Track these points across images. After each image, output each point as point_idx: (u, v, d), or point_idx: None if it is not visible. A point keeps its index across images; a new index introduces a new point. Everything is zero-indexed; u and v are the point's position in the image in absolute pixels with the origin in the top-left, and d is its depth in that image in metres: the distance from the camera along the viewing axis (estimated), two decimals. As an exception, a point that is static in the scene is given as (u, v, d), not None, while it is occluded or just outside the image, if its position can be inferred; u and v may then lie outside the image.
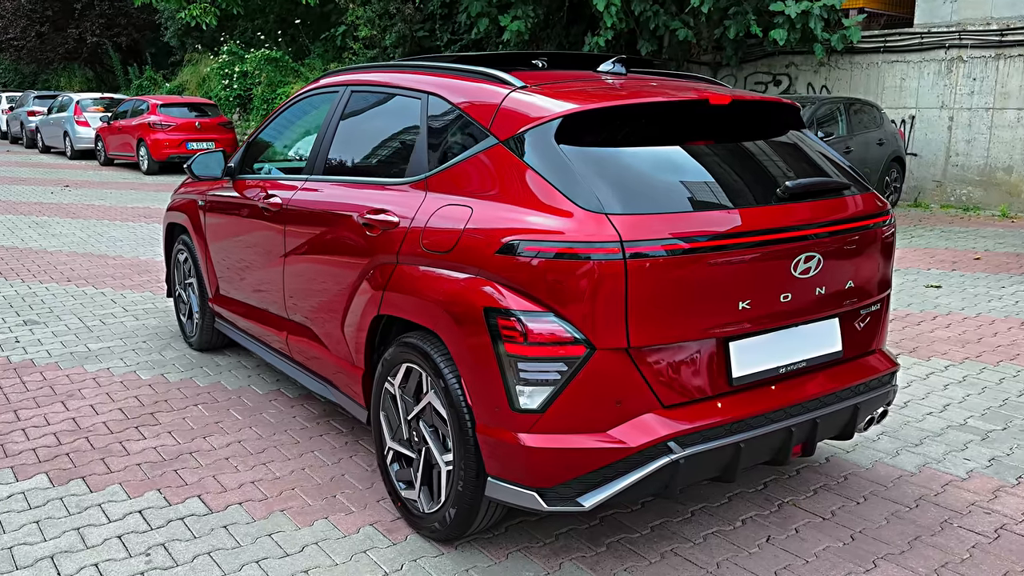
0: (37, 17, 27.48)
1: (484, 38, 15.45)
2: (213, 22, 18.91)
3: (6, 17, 28.15)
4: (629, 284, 2.33)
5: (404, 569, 2.72)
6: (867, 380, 2.88)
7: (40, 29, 27.66)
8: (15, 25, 27.86)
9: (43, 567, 2.73)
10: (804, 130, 3.15)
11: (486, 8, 13.92)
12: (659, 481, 2.43)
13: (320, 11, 20.21)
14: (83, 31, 27.26)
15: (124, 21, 27.03)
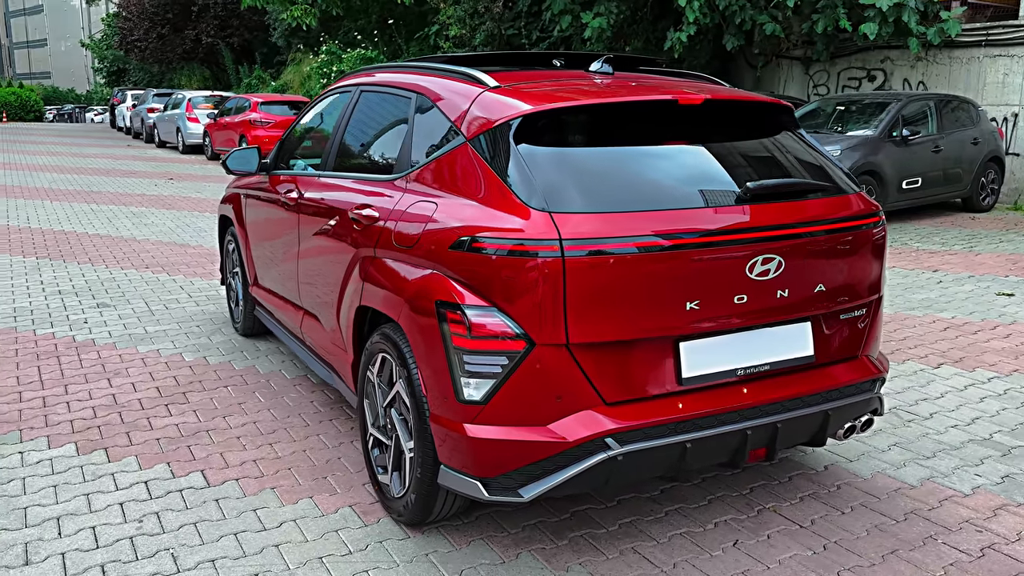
0: (159, 19, 29.29)
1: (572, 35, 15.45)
2: (313, 23, 19.67)
3: (132, 20, 30.11)
4: (567, 281, 2.37)
5: (368, 549, 2.84)
6: (840, 387, 2.81)
7: (161, 31, 29.47)
8: (139, 27, 29.78)
9: (48, 527, 2.98)
10: (799, 131, 3.09)
11: (568, 5, 13.94)
12: (598, 477, 2.46)
13: (417, 11, 20.66)
14: (199, 32, 28.87)
15: (237, 22, 28.44)
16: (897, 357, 4.93)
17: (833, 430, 2.89)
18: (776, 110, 3.06)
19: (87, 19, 79.91)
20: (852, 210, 2.84)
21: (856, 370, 2.89)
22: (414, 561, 2.77)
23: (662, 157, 2.74)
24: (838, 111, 10.70)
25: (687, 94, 2.77)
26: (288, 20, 20.04)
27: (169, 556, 2.80)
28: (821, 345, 2.81)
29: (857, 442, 3.73)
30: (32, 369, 4.71)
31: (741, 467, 2.77)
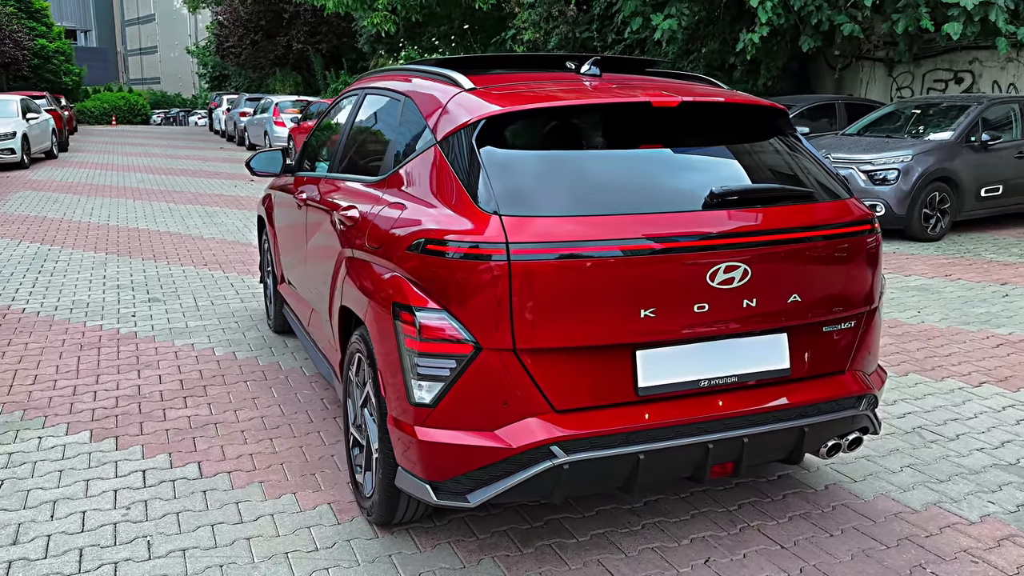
0: (252, 26, 30.43)
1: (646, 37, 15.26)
2: (392, 29, 20.03)
3: (228, 27, 31.40)
4: (513, 286, 2.33)
5: (334, 547, 2.87)
6: (818, 403, 2.67)
7: (254, 37, 30.62)
8: (234, 34, 31.01)
9: (44, 509, 3.13)
10: (793, 135, 2.96)
11: (640, 7, 13.77)
12: (545, 485, 2.42)
13: (495, 16, 20.81)
14: (290, 38, 29.86)
15: (325, 29, 29.28)
16: (936, 374, 4.67)
17: (812, 447, 2.76)
18: (766, 113, 2.94)
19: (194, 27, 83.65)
20: (837, 217, 2.70)
21: (839, 386, 2.75)
22: (376, 561, 2.78)
23: (630, 161, 2.67)
24: (915, 114, 10.22)
25: (662, 96, 2.69)
26: (369, 27, 20.48)
27: (145, 543, 2.89)
28: (799, 358, 2.69)
29: (868, 461, 3.55)
30: (73, 359, 4.95)
31: (705, 481, 2.67)
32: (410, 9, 20.68)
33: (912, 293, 6.60)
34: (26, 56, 29.82)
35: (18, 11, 33.87)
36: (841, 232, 2.69)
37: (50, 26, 36.67)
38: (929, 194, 8.89)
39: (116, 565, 2.76)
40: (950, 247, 8.70)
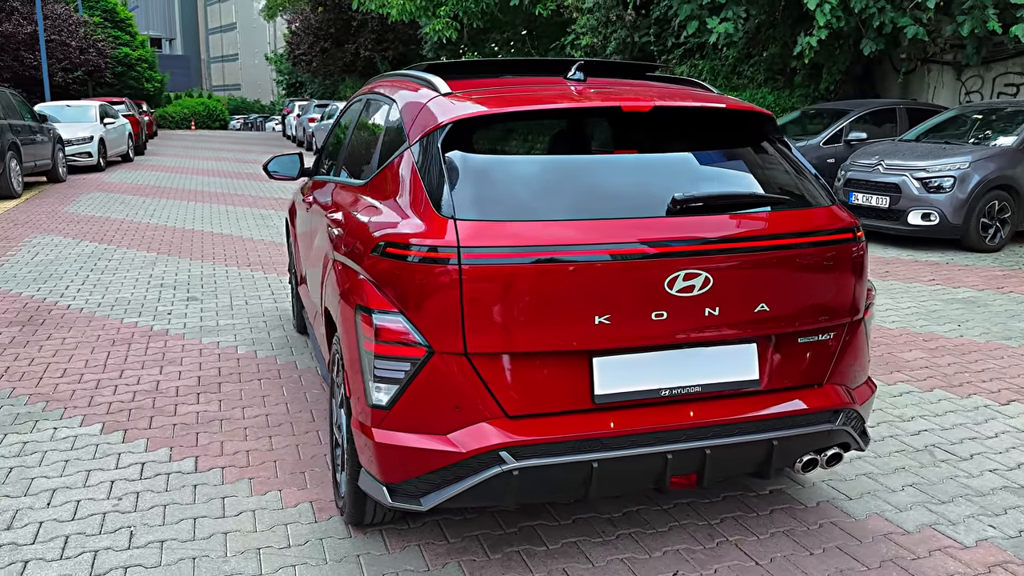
0: (322, 34, 31.17)
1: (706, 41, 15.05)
2: (453, 35, 20.24)
3: (299, 35, 32.25)
4: (464, 290, 2.33)
5: (306, 545, 2.91)
6: (789, 416, 2.59)
7: (324, 45, 31.35)
8: (305, 41, 31.82)
9: (42, 497, 3.26)
10: (778, 140, 2.88)
11: (696, 11, 13.59)
12: (496, 491, 2.40)
13: (555, 22, 20.81)
14: (358, 46, 30.46)
15: (392, 36, 29.77)
16: (963, 390, 4.47)
17: (784, 462, 2.67)
18: (749, 118, 2.87)
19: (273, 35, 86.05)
20: (813, 225, 2.62)
21: (814, 399, 2.65)
22: (343, 561, 2.81)
23: (596, 166, 2.64)
24: (978, 120, 9.81)
25: (633, 101, 2.65)
26: (431, 34, 20.74)
27: (127, 533, 2.98)
28: (770, 369, 2.61)
29: (868, 479, 3.42)
30: (103, 354, 5.15)
31: (664, 491, 2.61)
32: (472, 16, 20.86)
33: (957, 306, 6.33)
34: (109, 64, 31.21)
35: (104, 21, 35.52)
36: (817, 240, 2.60)
37: (134, 35, 38.32)
38: (988, 203, 8.52)
39: (96, 553, 2.85)
40: (1008, 258, 8.31)
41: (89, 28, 29.63)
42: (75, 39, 26.97)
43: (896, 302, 6.45)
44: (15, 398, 4.36)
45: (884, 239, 9.28)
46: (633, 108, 2.64)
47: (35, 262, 8.13)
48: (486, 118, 2.61)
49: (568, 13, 18.56)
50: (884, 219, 8.94)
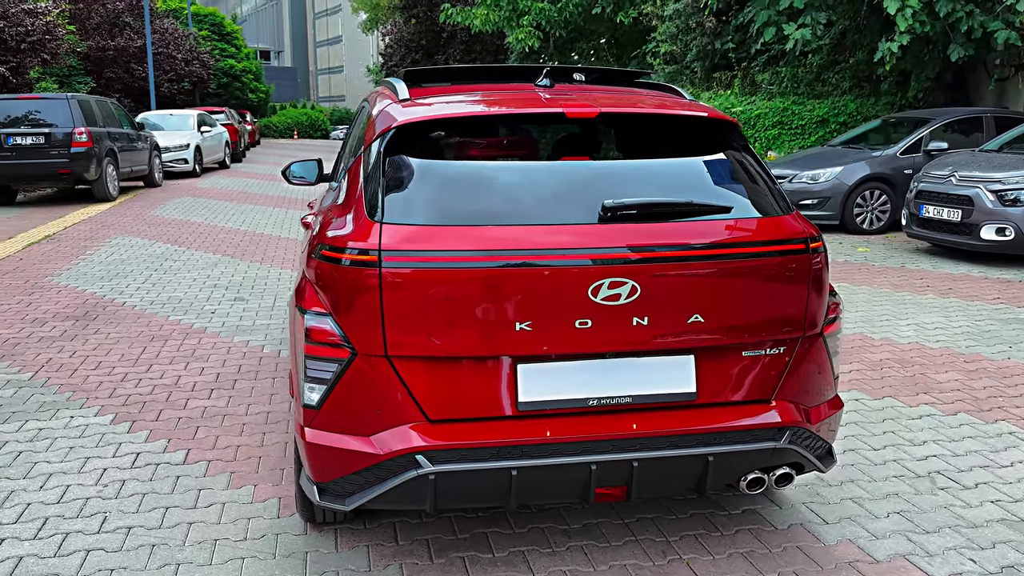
0: (413, 46, 31.91)
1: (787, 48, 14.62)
2: (535, 44, 20.34)
3: (393, 47, 33.15)
4: (384, 293, 2.35)
5: (261, 539, 2.99)
6: (728, 431, 2.50)
7: (415, 56, 32.06)
8: (397, 53, 32.65)
9: (38, 480, 3.46)
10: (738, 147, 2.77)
11: (774, 17, 13.22)
12: (414, 495, 2.41)
13: (637, 30, 20.66)
14: (448, 57, 31.01)
15: (479, 47, 30.17)
16: (990, 416, 4.19)
17: (723, 479, 2.57)
18: (708, 125, 2.78)
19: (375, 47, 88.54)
20: (758, 235, 2.52)
21: (757, 415, 2.55)
22: (290, 557, 2.87)
23: (534, 171, 2.62)
24: (1067, 129, 9.18)
25: (577, 106, 2.62)
26: (513, 43, 20.91)
27: (101, 519, 3.13)
28: (709, 382, 2.52)
29: (853, 503, 3.25)
30: (139, 349, 5.41)
31: (589, 503, 2.56)
32: (554, 25, 20.93)
33: (1015, 327, 5.94)
34: (212, 75, 32.82)
35: (211, 34, 37.38)
36: (760, 251, 2.50)
37: (239, 47, 40.17)
38: (1071, 218, 7.95)
39: (66, 536, 3.01)
40: (1091, 277, 7.74)
41: (194, 41, 31.22)
42: (181, 52, 28.51)
43: (948, 320, 6.10)
44: (47, 387, 4.63)
45: (956, 255, 8.81)
46: (577, 114, 2.60)
47: (107, 261, 8.61)
48: (427, 123, 2.63)
49: (647, 21, 18.38)
50: (956, 233, 8.47)
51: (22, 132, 13.34)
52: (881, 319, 6.15)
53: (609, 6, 19.93)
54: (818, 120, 13.60)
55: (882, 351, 5.32)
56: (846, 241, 10.00)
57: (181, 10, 36.81)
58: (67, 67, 21.99)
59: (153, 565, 2.81)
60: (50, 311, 6.44)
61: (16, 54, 15.45)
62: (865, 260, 8.70)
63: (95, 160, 13.84)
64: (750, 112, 14.20)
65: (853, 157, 10.74)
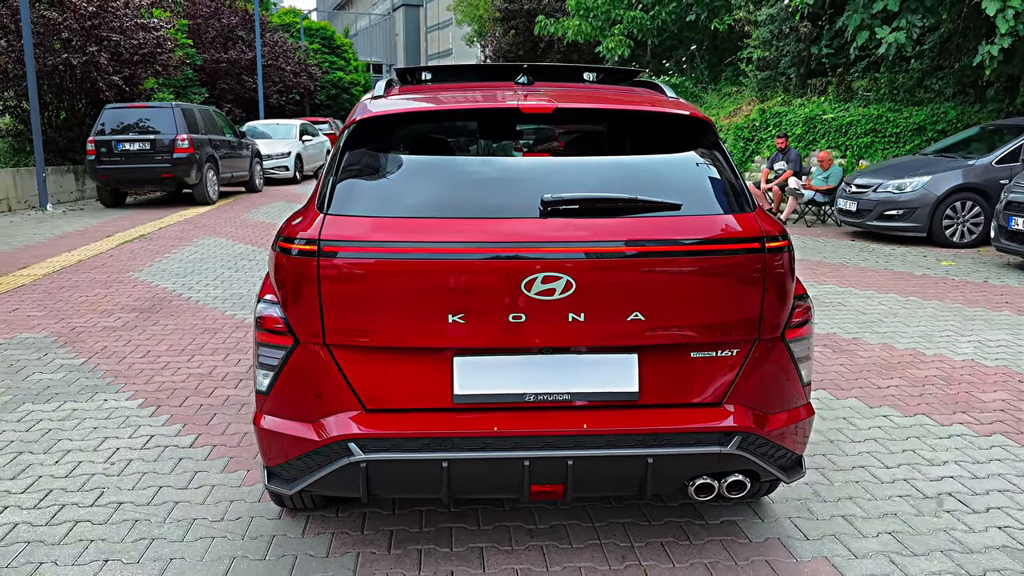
0: (511, 57, 32.17)
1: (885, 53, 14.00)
2: (626, 53, 20.21)
3: (491, 58, 33.56)
4: (322, 282, 2.41)
5: (236, 521, 3.09)
6: (669, 433, 2.42)
7: (513, 65, 32.34)
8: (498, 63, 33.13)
9: (55, 455, 3.69)
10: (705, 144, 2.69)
11: (867, 20, 12.68)
12: (348, 482, 2.44)
13: (733, 36, 20.22)
14: (545, 65, 31.15)
15: (576, 57, 30.13)
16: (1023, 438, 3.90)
17: (667, 483, 2.50)
18: (677, 121, 2.71)
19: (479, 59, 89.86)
20: (707, 232, 2.43)
21: (702, 418, 2.46)
22: (257, 539, 2.96)
23: (481, 166, 2.62)
24: None
25: (533, 103, 2.60)
26: (604, 52, 20.84)
27: (98, 493, 3.31)
28: (653, 383, 2.45)
29: (843, 520, 3.09)
30: (188, 340, 5.69)
31: (525, 501, 2.52)
32: (647, 33, 20.76)
33: (1091, 346, 5.49)
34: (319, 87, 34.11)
35: (322, 48, 38.88)
36: (709, 249, 2.42)
37: (348, 60, 41.55)
38: None
39: (63, 507, 3.20)
40: None
41: (302, 54, 32.53)
42: (290, 64, 29.76)
43: (1015, 339, 5.69)
44: (93, 372, 4.94)
45: (1049, 270, 8.21)
46: (532, 110, 2.59)
47: (187, 259, 9.08)
48: (383, 119, 2.67)
49: (742, 27, 17.96)
50: (1047, 247, 7.90)
51: (130, 138, 14.24)
52: (941, 335, 5.80)
53: (704, 13, 19.61)
54: (914, 128, 12.93)
55: (930, 367, 5.02)
56: (931, 254, 9.47)
57: (294, 24, 38.44)
58: (183, 78, 23.33)
59: (130, 538, 2.96)
60: (120, 303, 6.84)
61: (129, 66, 16.49)
62: (946, 274, 8.22)
63: (196, 165, 14.63)
64: (841, 119, 13.65)
65: (944, 166, 10.17)
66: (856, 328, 5.99)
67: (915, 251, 9.73)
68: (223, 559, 2.82)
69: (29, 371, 4.95)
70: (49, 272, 8.21)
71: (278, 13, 39.94)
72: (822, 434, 3.93)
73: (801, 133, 14.23)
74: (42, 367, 5.04)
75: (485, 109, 2.68)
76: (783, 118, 14.88)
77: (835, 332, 5.88)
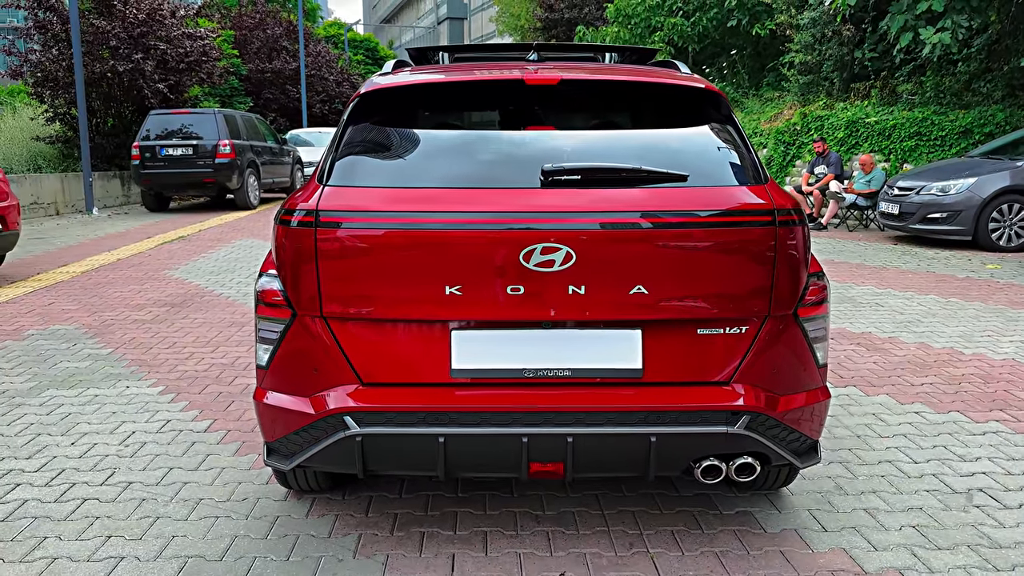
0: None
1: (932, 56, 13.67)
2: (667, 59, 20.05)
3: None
4: (319, 252, 2.37)
5: (243, 502, 3.06)
6: (673, 411, 2.33)
7: (555, 74, 32.39)
8: (537, 71, 33.14)
9: (72, 437, 3.72)
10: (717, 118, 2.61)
11: (911, 21, 12.39)
12: (344, 456, 2.40)
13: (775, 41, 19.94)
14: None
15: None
16: (1071, 436, 3.71)
17: (670, 464, 2.41)
18: (684, 94, 2.63)
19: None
20: (714, 204, 2.35)
21: (708, 397, 2.37)
22: (261, 519, 2.93)
23: (484, 138, 2.57)
24: None
25: (537, 74, 2.55)
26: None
27: (108, 472, 3.32)
28: (657, 359, 2.37)
29: (866, 513, 2.96)
30: (215, 332, 5.73)
31: (524, 479, 2.45)
32: (688, 39, 20.59)
33: None
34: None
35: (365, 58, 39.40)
36: (716, 221, 2.33)
37: (391, 70, 42.08)
38: None
39: (73, 485, 3.21)
40: None
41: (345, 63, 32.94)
42: (333, 74, 30.15)
43: (1062, 339, 5.46)
44: (119, 361, 4.99)
45: (1100, 273, 7.88)
46: (536, 81, 2.54)
47: (223, 258, 9.19)
48: (386, 91, 2.64)
49: (783, 31, 17.71)
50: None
51: (173, 144, 14.53)
52: (981, 335, 5.58)
53: (745, 18, 19.38)
54: (960, 131, 12.58)
55: (968, 366, 4.83)
56: (976, 258, 9.18)
57: (339, 36, 38.99)
58: (228, 88, 23.77)
59: (135, 516, 2.95)
60: (152, 298, 6.94)
61: (175, 73, 16.85)
62: (991, 277, 7.94)
63: (237, 170, 14.86)
64: (885, 123, 13.35)
65: (990, 168, 9.86)
66: (892, 327, 5.81)
67: (959, 255, 9.44)
68: (224, 537, 2.80)
69: (57, 360, 5.02)
70: (87, 270, 8.37)
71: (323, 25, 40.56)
72: (849, 429, 3.79)
73: (843, 137, 13.95)
74: (70, 356, 5.11)
75: (488, 81, 2.63)
76: (825, 122, 14.61)
77: (870, 331, 5.70)
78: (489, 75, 2.63)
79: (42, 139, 16.10)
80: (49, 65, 15.77)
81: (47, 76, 15.80)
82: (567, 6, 28.69)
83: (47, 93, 16.01)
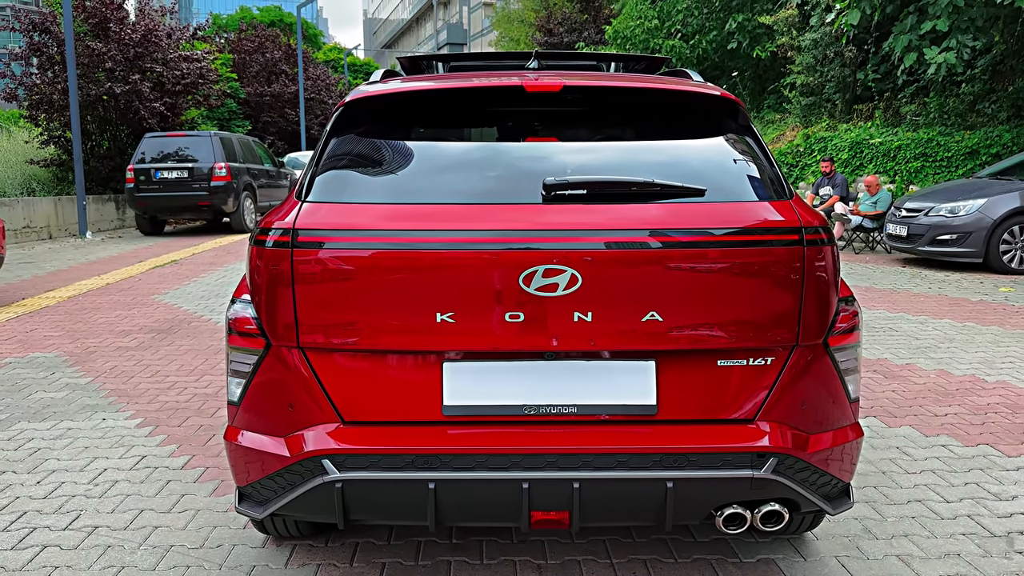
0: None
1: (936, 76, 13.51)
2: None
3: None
4: (296, 274, 2.13)
5: (217, 548, 2.80)
6: (693, 453, 2.08)
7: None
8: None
9: (38, 476, 3.45)
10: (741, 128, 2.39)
11: (915, 42, 12.25)
12: (323, 504, 2.14)
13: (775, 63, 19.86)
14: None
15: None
16: (1112, 472, 3.45)
17: (689, 512, 2.15)
18: (698, 102, 2.40)
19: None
20: (734, 222, 2.11)
21: (731, 437, 2.11)
22: (236, 569, 2.67)
23: (479, 151, 2.34)
24: None
25: (538, 81, 2.32)
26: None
27: (74, 516, 3.06)
28: (674, 394, 2.12)
29: (899, 561, 2.69)
30: (200, 360, 5.47)
31: (526, 530, 2.19)
32: (687, 62, 20.49)
33: None
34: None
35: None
36: (736, 240, 2.09)
37: (391, 94, 42.16)
38: None
39: (34, 530, 2.95)
40: None
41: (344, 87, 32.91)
42: (331, 97, 30.10)
43: (1088, 365, 5.21)
44: (97, 391, 4.73)
45: (1119, 296, 7.64)
46: (538, 88, 2.31)
47: (215, 283, 8.95)
48: (372, 99, 2.41)
49: (785, 53, 17.61)
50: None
51: (168, 167, 14.34)
52: (1003, 361, 5.33)
53: (746, 41, 19.29)
54: (967, 152, 12.41)
55: (992, 395, 4.57)
56: (988, 281, 8.94)
57: (338, 61, 39.01)
58: (227, 111, 23.66)
59: (98, 566, 2.69)
60: (139, 324, 6.69)
61: (172, 95, 16.71)
62: (1005, 300, 7.70)
63: (233, 194, 14.66)
64: (890, 144, 13.18)
65: (1000, 189, 9.66)
66: (909, 354, 5.55)
67: (970, 277, 9.20)
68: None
69: (32, 389, 4.76)
70: (74, 294, 8.13)
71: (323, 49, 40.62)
72: (873, 464, 3.53)
73: (847, 158, 13.78)
74: (46, 386, 4.85)
75: (484, 88, 2.40)
76: (828, 143, 14.45)
77: (886, 358, 5.44)
78: (486, 82, 2.40)
79: (36, 162, 15.93)
80: (44, 88, 15.63)
81: (42, 99, 15.66)
82: (566, 30, 28.70)
83: (42, 116, 15.86)
